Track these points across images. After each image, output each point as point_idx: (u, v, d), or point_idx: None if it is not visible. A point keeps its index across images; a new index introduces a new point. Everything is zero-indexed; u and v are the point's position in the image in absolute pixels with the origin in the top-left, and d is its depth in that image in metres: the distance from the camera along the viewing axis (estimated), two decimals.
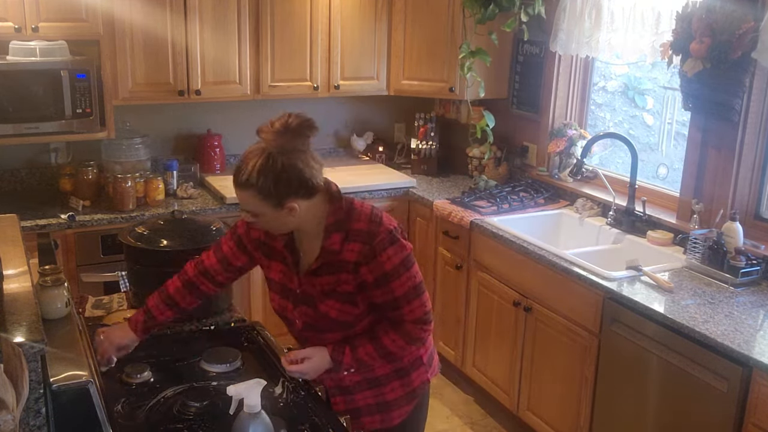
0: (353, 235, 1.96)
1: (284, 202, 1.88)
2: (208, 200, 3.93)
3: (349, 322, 2.03)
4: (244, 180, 1.89)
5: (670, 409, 2.72)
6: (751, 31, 2.86)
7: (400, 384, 2.14)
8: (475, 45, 3.99)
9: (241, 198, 1.93)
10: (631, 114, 4.46)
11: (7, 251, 1.78)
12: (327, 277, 1.99)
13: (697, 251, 3.09)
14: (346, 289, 1.99)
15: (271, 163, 1.85)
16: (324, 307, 2.02)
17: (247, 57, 4.00)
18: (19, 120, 3.45)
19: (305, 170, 1.88)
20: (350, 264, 1.96)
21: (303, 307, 2.06)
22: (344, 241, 1.96)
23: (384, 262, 1.95)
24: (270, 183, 1.85)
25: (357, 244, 1.95)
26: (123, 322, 2.21)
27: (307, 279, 2.02)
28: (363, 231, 1.96)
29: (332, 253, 1.96)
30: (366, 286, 1.98)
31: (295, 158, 1.87)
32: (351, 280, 1.97)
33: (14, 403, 1.16)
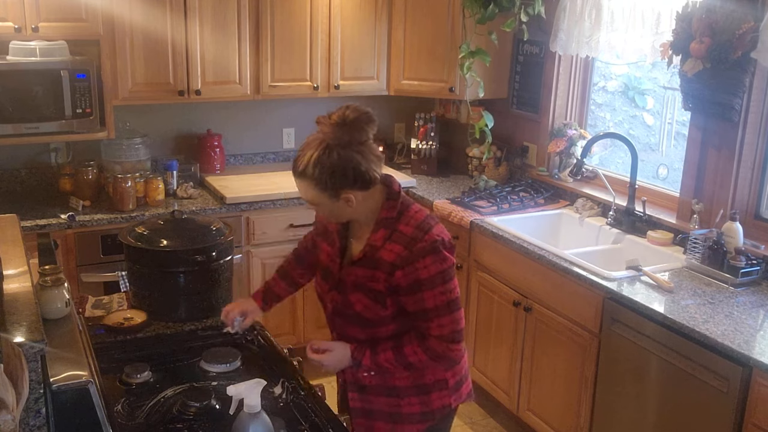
0: (397, 237, 1.95)
1: (340, 193, 1.89)
2: (208, 200, 3.93)
3: (372, 320, 2.01)
4: (301, 170, 1.91)
5: (670, 409, 2.72)
6: (751, 31, 2.86)
7: (418, 401, 2.10)
8: (474, 45, 3.99)
9: (299, 187, 1.95)
10: (631, 114, 4.46)
11: (7, 251, 1.78)
12: (363, 270, 2.00)
13: (697, 251, 3.09)
14: (376, 287, 1.98)
15: (327, 155, 1.86)
16: (353, 298, 2.02)
17: (247, 57, 4.00)
18: (19, 120, 3.45)
19: (362, 163, 1.88)
20: (387, 264, 1.95)
21: (335, 293, 2.07)
22: (387, 239, 1.96)
23: (420, 269, 1.92)
24: (326, 175, 1.87)
25: (398, 245, 1.94)
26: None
27: (348, 268, 2.04)
28: (407, 235, 1.95)
29: (374, 248, 1.97)
30: (399, 290, 1.95)
31: (352, 151, 1.87)
32: (383, 279, 1.96)
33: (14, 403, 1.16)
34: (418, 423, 2.11)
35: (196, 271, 2.41)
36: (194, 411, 1.90)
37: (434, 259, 1.92)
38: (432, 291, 1.93)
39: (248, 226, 3.91)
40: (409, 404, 2.09)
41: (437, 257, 1.93)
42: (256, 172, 4.33)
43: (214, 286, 2.46)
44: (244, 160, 4.52)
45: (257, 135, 4.53)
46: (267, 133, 4.56)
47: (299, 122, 4.63)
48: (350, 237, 2.09)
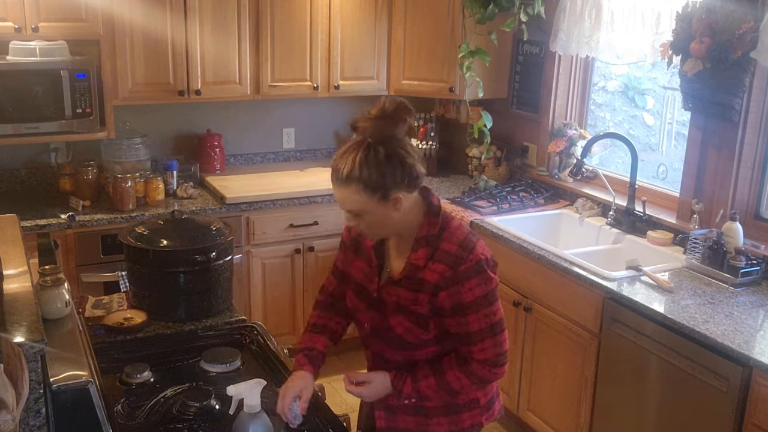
0: (439, 256, 1.86)
1: (390, 193, 1.79)
2: (208, 200, 3.93)
3: (413, 343, 1.94)
4: (346, 175, 1.78)
5: (670, 409, 2.72)
6: (751, 31, 2.86)
7: (447, 421, 2.02)
8: (474, 45, 3.99)
9: (343, 196, 1.83)
10: (631, 114, 4.46)
11: (7, 251, 1.78)
12: (406, 292, 1.90)
13: (697, 251, 3.09)
14: (419, 310, 1.89)
15: (373, 153, 1.77)
16: (393, 321, 1.93)
17: (247, 57, 4.00)
18: (19, 120, 3.45)
19: (407, 158, 1.79)
20: (430, 285, 1.86)
21: (374, 313, 1.98)
22: (429, 259, 1.87)
23: (465, 291, 1.84)
24: (375, 173, 1.77)
25: (441, 265, 1.85)
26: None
27: (387, 287, 1.94)
28: (451, 254, 1.85)
29: (416, 268, 1.88)
30: (442, 312, 1.88)
31: (395, 145, 1.79)
32: (427, 301, 1.88)
33: (14, 403, 1.16)
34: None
35: (196, 271, 2.41)
36: (194, 411, 1.90)
37: (479, 280, 1.85)
38: (476, 314, 1.86)
39: (248, 226, 3.91)
40: (438, 424, 2.02)
41: (482, 278, 1.85)
42: (256, 172, 4.33)
43: (214, 286, 2.46)
44: (244, 160, 4.52)
45: (257, 135, 4.53)
46: (267, 133, 4.56)
47: (299, 122, 4.63)
48: (387, 254, 1.99)
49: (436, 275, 1.85)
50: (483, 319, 1.87)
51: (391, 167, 1.77)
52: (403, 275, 1.90)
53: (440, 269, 1.85)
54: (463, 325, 1.88)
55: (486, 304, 1.86)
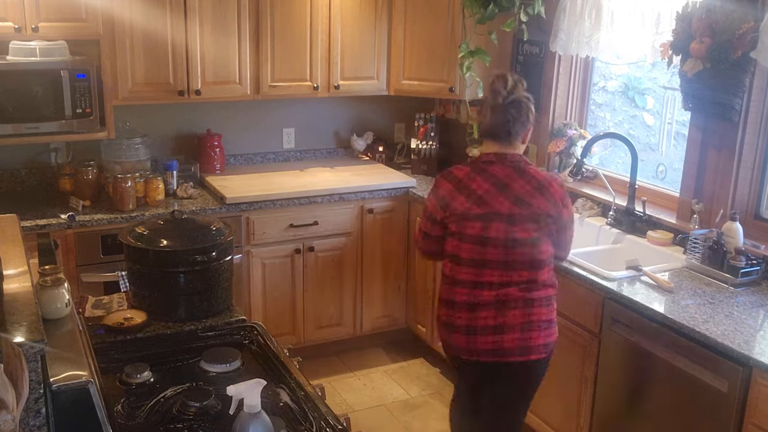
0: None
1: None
2: (208, 200, 3.93)
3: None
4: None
5: (670, 409, 2.72)
6: (751, 31, 2.86)
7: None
8: (474, 45, 3.99)
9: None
10: (631, 114, 4.46)
11: (7, 251, 1.78)
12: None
13: (697, 251, 3.09)
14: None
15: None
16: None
17: (247, 57, 4.00)
18: (19, 120, 3.45)
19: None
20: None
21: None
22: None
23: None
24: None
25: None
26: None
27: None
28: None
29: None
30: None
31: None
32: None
33: (14, 403, 1.16)
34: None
35: (196, 271, 2.40)
36: (194, 411, 1.90)
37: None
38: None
39: (248, 226, 3.91)
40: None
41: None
42: (256, 172, 4.33)
43: (214, 286, 2.46)
44: (244, 160, 4.52)
45: (257, 135, 4.53)
46: (267, 133, 4.56)
47: (299, 122, 4.63)
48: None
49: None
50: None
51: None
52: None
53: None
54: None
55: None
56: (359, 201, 4.16)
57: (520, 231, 2.52)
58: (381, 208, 4.24)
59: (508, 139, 2.62)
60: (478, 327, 2.57)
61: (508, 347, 2.56)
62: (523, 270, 2.55)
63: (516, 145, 2.65)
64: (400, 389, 4.09)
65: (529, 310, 2.56)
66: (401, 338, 4.53)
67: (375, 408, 3.91)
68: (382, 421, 3.80)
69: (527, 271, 2.55)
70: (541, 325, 2.58)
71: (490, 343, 2.56)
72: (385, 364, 4.35)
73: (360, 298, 4.31)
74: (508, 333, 2.55)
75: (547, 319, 2.61)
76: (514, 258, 2.54)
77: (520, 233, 2.52)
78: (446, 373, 4.21)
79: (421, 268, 4.25)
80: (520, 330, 2.55)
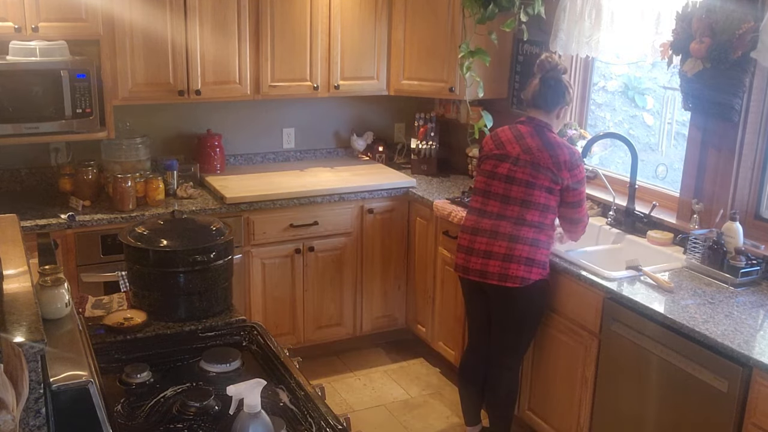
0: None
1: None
2: (208, 200, 3.93)
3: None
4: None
5: (670, 409, 2.72)
6: (751, 31, 2.86)
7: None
8: (474, 45, 3.99)
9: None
10: (631, 114, 4.46)
11: (7, 251, 1.78)
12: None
13: (697, 251, 3.09)
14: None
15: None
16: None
17: (247, 57, 4.00)
18: (19, 120, 3.45)
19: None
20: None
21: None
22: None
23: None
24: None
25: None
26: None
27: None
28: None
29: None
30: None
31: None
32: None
33: (14, 403, 1.16)
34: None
35: (196, 271, 2.40)
36: (194, 411, 1.91)
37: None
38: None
39: (248, 226, 3.91)
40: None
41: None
42: (256, 172, 4.33)
43: (214, 286, 2.46)
44: (244, 160, 4.52)
45: (257, 135, 4.54)
46: (267, 133, 4.56)
47: (299, 122, 4.64)
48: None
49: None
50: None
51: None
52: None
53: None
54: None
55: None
56: (359, 201, 4.16)
57: (520, 172, 3.09)
58: (381, 208, 4.24)
59: (544, 107, 3.17)
60: (474, 249, 3.17)
61: (491, 271, 3.11)
62: (515, 206, 3.09)
63: (550, 116, 3.19)
64: (400, 389, 4.09)
65: (513, 244, 3.08)
66: (401, 338, 4.53)
67: (375, 408, 3.91)
68: (382, 421, 3.80)
69: (519, 207, 3.08)
70: (521, 260, 3.07)
71: (479, 265, 3.15)
72: (385, 364, 4.35)
73: (360, 298, 4.31)
74: (493, 259, 3.11)
75: (527, 257, 3.07)
76: (510, 193, 3.10)
77: (519, 174, 3.09)
78: (446, 373, 4.21)
79: (421, 268, 4.25)
80: (502, 259, 3.09)
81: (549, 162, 3.05)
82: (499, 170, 3.14)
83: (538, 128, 3.15)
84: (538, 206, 3.08)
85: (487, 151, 3.24)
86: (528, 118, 3.20)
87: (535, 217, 3.08)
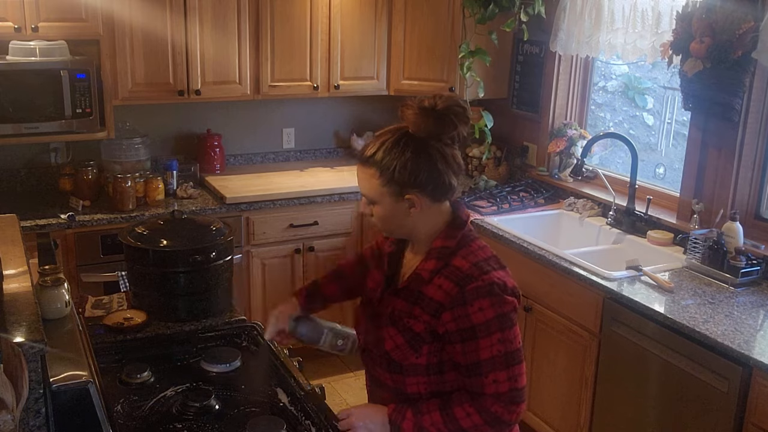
0: (449, 272, 1.68)
1: (405, 191, 1.66)
2: (208, 200, 3.93)
3: (401, 365, 1.72)
4: (368, 156, 1.69)
5: (670, 409, 2.72)
6: (752, 31, 2.86)
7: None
8: (474, 45, 3.99)
9: (361, 177, 1.72)
10: (631, 114, 4.46)
11: (7, 251, 1.78)
12: (403, 303, 1.73)
13: (697, 251, 3.09)
14: (414, 327, 1.70)
15: (403, 144, 1.66)
16: (385, 333, 1.75)
17: (247, 57, 4.00)
18: (19, 120, 3.45)
19: (439, 163, 1.65)
20: (432, 303, 1.67)
21: (370, 325, 1.82)
22: (436, 272, 1.69)
23: (474, 312, 1.63)
24: (396, 165, 1.65)
25: (448, 282, 1.66)
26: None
27: (389, 297, 1.78)
28: (461, 271, 1.67)
29: (420, 280, 1.71)
30: (446, 337, 1.67)
31: (434, 147, 1.65)
32: (424, 321, 1.68)
33: (14, 403, 1.16)
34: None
35: (196, 271, 2.40)
36: (194, 411, 1.90)
37: (491, 301, 1.63)
38: (488, 338, 1.63)
39: (248, 226, 3.91)
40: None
41: (494, 299, 1.63)
42: (256, 172, 4.33)
43: (214, 286, 2.46)
44: (244, 160, 4.52)
45: (257, 135, 4.53)
46: (267, 133, 4.56)
47: (299, 122, 4.63)
48: (401, 264, 1.82)
49: (441, 293, 1.67)
50: (496, 345, 1.63)
51: (416, 165, 1.65)
52: (405, 284, 1.75)
53: (446, 287, 1.66)
54: (472, 353, 1.64)
55: (499, 328, 1.63)
56: (359, 201, 4.15)
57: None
58: None
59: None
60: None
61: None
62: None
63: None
64: None
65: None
66: None
67: None
68: None
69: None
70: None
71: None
72: None
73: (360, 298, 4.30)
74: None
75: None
76: None
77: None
78: None
79: None
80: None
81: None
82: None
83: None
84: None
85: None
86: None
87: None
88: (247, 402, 1.99)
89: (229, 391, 2.03)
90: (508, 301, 1.65)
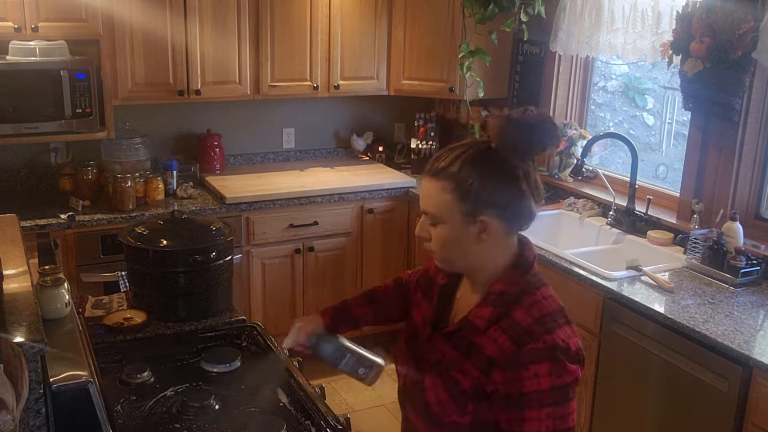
0: (507, 324, 1.45)
1: (480, 211, 1.44)
2: (207, 200, 3.93)
3: (442, 421, 1.51)
4: (440, 167, 1.45)
5: (670, 409, 2.72)
6: (752, 31, 2.86)
7: None
8: (474, 45, 3.99)
9: (429, 190, 1.48)
10: (631, 114, 4.47)
11: (7, 251, 1.77)
12: (454, 353, 1.50)
13: (697, 251, 3.09)
14: (461, 382, 1.47)
15: (486, 157, 1.44)
16: (428, 383, 1.53)
17: (247, 57, 4.00)
18: (19, 120, 3.45)
19: (523, 184, 1.44)
20: (484, 357, 1.44)
21: (412, 368, 1.61)
22: (493, 322, 1.46)
23: (527, 378, 1.40)
24: (476, 179, 1.42)
25: (504, 337, 1.43)
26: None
27: (438, 340, 1.56)
28: (520, 326, 1.44)
29: (473, 328, 1.48)
30: (495, 398, 1.44)
31: (518, 166, 1.44)
32: (474, 376, 1.46)
33: (14, 403, 1.16)
34: None
35: (196, 271, 2.40)
36: (194, 411, 1.90)
37: (550, 369, 1.40)
38: (538, 411, 1.40)
39: (248, 226, 3.91)
40: None
41: (554, 367, 1.40)
42: (256, 172, 4.33)
43: (214, 286, 2.46)
44: (244, 160, 4.52)
45: (257, 135, 4.53)
46: (267, 133, 4.56)
47: (299, 122, 4.63)
48: (453, 300, 1.60)
49: (495, 347, 1.44)
50: (545, 421, 1.40)
51: (498, 182, 1.44)
52: (456, 328, 1.52)
53: (501, 341, 1.43)
54: (516, 423, 1.42)
55: (552, 402, 1.40)
56: (359, 201, 4.16)
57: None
58: (381, 208, 4.24)
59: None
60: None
61: None
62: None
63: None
64: None
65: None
66: None
67: (375, 408, 3.91)
68: (382, 421, 3.79)
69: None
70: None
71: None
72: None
73: None
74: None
75: None
76: None
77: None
78: None
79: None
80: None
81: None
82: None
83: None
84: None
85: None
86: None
87: None
88: (246, 402, 1.99)
89: (229, 391, 2.03)
90: (569, 370, 1.42)
